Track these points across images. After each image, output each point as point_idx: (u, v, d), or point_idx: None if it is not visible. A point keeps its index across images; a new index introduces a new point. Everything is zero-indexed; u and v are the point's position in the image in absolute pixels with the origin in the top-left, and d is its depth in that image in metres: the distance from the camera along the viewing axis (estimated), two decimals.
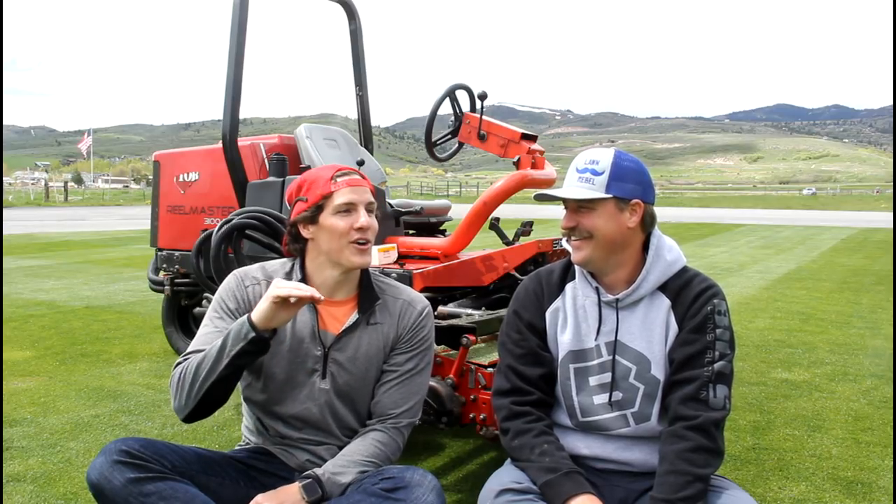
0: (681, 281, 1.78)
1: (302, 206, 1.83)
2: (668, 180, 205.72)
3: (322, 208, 1.81)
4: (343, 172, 1.84)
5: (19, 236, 15.85)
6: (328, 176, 1.83)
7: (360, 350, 1.87)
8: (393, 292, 1.96)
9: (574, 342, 1.81)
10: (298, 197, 1.85)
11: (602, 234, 1.72)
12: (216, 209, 3.99)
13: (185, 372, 1.70)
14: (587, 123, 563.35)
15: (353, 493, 1.69)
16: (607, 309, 1.79)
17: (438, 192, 61.17)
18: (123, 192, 66.99)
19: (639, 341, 1.76)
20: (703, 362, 1.70)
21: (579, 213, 1.74)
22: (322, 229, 1.82)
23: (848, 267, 10.93)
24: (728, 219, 27.14)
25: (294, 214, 1.85)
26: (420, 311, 1.95)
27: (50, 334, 5.54)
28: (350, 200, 1.81)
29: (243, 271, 1.92)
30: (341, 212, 1.81)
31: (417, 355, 1.93)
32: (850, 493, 2.70)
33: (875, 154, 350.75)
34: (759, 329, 5.98)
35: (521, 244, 3.30)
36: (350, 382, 1.87)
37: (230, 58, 3.56)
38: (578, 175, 1.73)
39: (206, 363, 1.66)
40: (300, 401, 1.85)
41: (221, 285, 1.90)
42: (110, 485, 1.59)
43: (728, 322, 1.75)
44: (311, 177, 1.86)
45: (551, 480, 1.65)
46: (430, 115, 3.61)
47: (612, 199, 1.71)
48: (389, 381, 1.90)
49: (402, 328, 1.92)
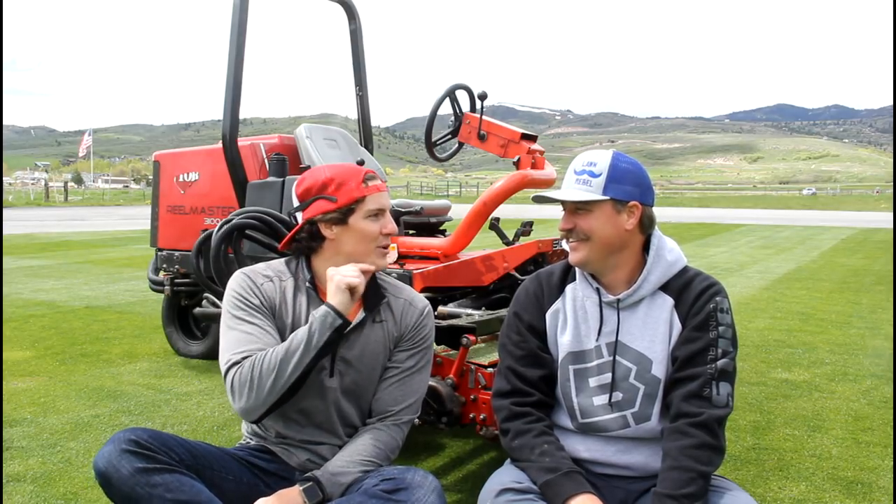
0: (683, 280, 1.79)
1: (328, 205, 1.80)
2: (667, 180, 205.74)
3: (353, 211, 1.81)
4: (371, 175, 1.85)
5: (19, 236, 15.85)
6: (359, 178, 1.82)
7: (367, 348, 1.88)
8: (394, 291, 1.98)
9: (574, 343, 1.81)
10: (322, 195, 1.81)
11: (599, 235, 1.72)
12: (216, 209, 3.99)
13: (259, 371, 1.67)
14: (587, 123, 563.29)
15: (354, 495, 1.69)
16: (608, 309, 1.79)
17: (438, 192, 61.18)
18: (123, 192, 67.01)
19: (640, 341, 1.76)
20: (707, 360, 1.70)
21: (577, 215, 1.74)
22: (351, 231, 1.82)
23: (848, 267, 10.93)
24: (728, 219, 27.14)
25: (316, 212, 1.82)
26: (421, 311, 1.97)
27: (50, 334, 5.54)
28: (381, 206, 1.84)
29: (251, 270, 1.90)
30: (372, 216, 1.82)
31: (418, 353, 1.95)
32: (850, 493, 2.70)
33: (875, 154, 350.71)
34: (759, 329, 5.98)
35: (521, 244, 3.30)
36: (357, 380, 1.88)
37: (230, 58, 3.56)
38: (576, 177, 1.73)
39: (291, 357, 1.67)
40: (308, 399, 1.85)
41: (234, 284, 1.86)
42: (118, 473, 1.58)
43: (731, 320, 1.76)
44: (339, 175, 1.82)
45: (551, 480, 1.65)
46: (430, 116, 3.61)
47: (610, 200, 1.71)
48: (390, 377, 1.91)
49: (405, 327, 1.94)
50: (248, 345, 1.74)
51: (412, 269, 2.93)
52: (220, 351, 1.79)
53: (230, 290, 1.85)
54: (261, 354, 1.69)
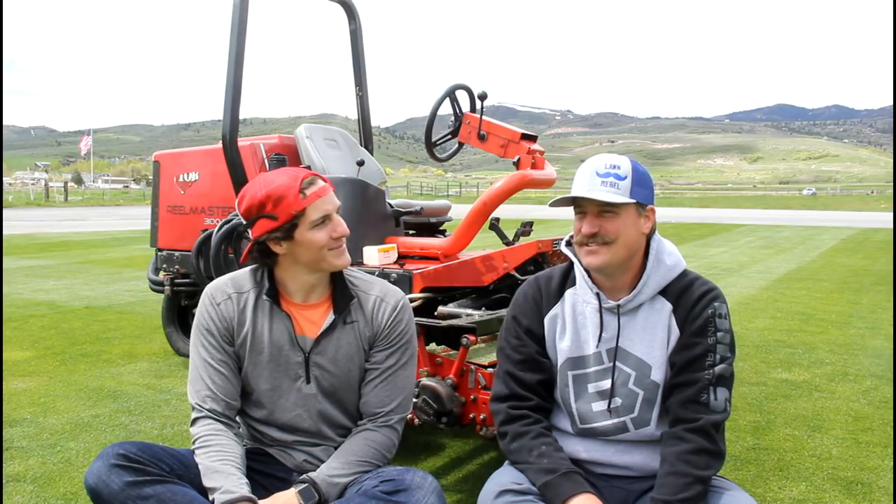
0: (681, 284, 1.78)
1: (270, 223, 1.74)
2: (668, 180, 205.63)
3: (296, 225, 1.74)
4: (308, 182, 1.76)
5: (19, 236, 15.85)
6: (295, 189, 1.73)
7: (340, 351, 1.85)
8: (365, 287, 1.91)
9: (573, 349, 1.80)
10: (263, 214, 1.74)
11: (624, 239, 1.71)
12: (216, 209, 3.99)
13: (195, 446, 1.76)
14: (587, 123, 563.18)
15: (354, 496, 1.68)
16: (608, 315, 1.78)
17: (438, 192, 61.16)
18: (123, 192, 67.01)
19: (639, 347, 1.76)
20: (704, 365, 1.70)
21: (603, 218, 1.70)
22: (299, 245, 1.77)
23: (848, 267, 10.93)
24: (728, 219, 27.12)
25: (260, 232, 1.76)
26: (395, 307, 1.89)
27: (50, 334, 5.54)
28: (324, 212, 1.77)
29: (214, 287, 1.87)
30: (317, 225, 1.76)
31: (397, 351, 1.89)
32: (850, 493, 2.70)
33: (875, 154, 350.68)
34: (760, 329, 5.98)
35: (521, 244, 3.30)
36: (334, 384, 1.85)
37: (230, 58, 3.56)
38: (601, 179, 1.69)
39: (201, 470, 1.71)
40: (289, 408, 1.84)
41: (200, 305, 1.86)
42: (108, 489, 1.58)
43: (728, 325, 1.75)
44: (275, 191, 1.73)
45: (550, 481, 1.65)
46: (430, 116, 3.61)
47: (634, 204, 1.71)
48: (373, 379, 1.87)
49: (377, 326, 1.88)
50: (204, 389, 1.80)
51: (412, 269, 2.93)
52: (189, 374, 1.86)
53: (198, 309, 1.88)
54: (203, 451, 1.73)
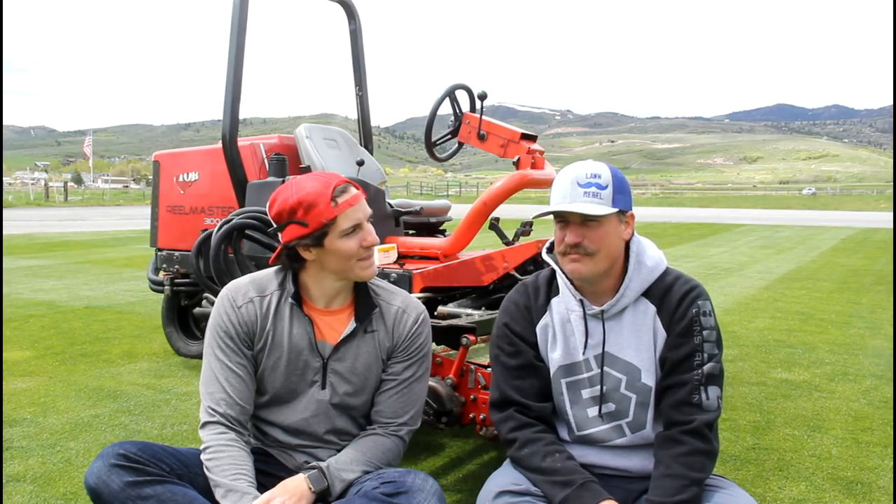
0: (664, 285, 1.77)
1: (300, 230, 1.74)
2: (668, 180, 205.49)
3: (326, 233, 1.74)
4: (340, 189, 1.75)
5: (19, 236, 15.85)
6: (327, 197, 1.72)
7: (358, 359, 1.85)
8: (387, 297, 1.92)
9: (564, 357, 1.80)
10: (294, 220, 1.74)
11: (607, 248, 1.70)
12: (216, 209, 3.99)
13: (205, 455, 1.73)
14: (587, 123, 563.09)
15: (354, 497, 1.68)
16: (593, 321, 1.78)
17: (438, 192, 61.16)
18: (123, 192, 67.00)
19: (627, 350, 1.76)
20: (693, 365, 1.70)
21: (586, 228, 1.69)
22: (329, 252, 1.76)
23: (848, 267, 10.92)
24: (728, 219, 27.13)
25: (290, 237, 1.76)
26: (416, 319, 1.90)
27: (50, 334, 5.54)
28: (356, 221, 1.77)
29: (234, 289, 1.85)
30: (348, 233, 1.76)
31: (415, 363, 1.90)
32: (850, 493, 2.70)
33: (875, 154, 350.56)
34: (759, 329, 5.98)
35: (521, 244, 3.30)
36: (349, 392, 1.85)
37: (230, 58, 3.56)
38: (583, 189, 1.67)
39: (214, 484, 1.68)
40: (299, 412, 1.85)
41: (217, 307, 1.83)
42: (108, 489, 1.58)
43: (714, 322, 1.75)
44: (306, 198, 1.73)
45: (569, 496, 1.63)
46: (430, 116, 3.61)
47: (616, 212, 1.70)
48: (388, 389, 1.88)
49: (398, 337, 1.88)
50: (220, 392, 1.78)
51: (412, 269, 2.93)
52: (201, 376, 1.83)
53: (214, 310, 1.84)
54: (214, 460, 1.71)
